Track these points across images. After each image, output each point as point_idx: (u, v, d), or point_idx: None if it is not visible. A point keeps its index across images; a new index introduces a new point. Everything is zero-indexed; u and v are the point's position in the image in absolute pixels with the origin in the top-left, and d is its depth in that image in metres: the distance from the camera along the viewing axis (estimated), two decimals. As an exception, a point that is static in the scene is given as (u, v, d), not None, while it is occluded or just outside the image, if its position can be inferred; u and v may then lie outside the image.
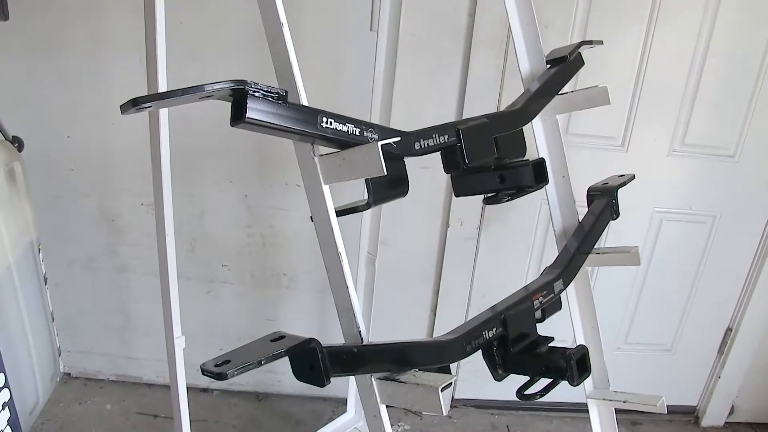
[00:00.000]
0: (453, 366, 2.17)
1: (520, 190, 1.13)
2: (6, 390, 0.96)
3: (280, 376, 2.19)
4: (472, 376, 2.20)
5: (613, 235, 1.92)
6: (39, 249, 1.38)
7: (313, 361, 0.80)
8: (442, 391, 0.85)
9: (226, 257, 2.04)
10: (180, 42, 1.73)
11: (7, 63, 1.79)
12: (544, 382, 1.11)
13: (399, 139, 0.88)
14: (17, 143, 1.34)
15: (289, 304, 2.10)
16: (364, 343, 0.89)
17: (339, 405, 2.16)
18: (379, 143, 0.80)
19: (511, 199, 1.13)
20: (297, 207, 1.95)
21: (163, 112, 1.24)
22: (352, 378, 0.97)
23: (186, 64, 1.76)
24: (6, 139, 1.32)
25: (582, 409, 1.37)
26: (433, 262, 2.05)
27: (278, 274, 2.06)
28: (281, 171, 1.92)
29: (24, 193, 1.31)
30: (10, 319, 1.20)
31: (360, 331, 0.89)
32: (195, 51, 1.78)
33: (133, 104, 0.71)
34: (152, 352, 2.12)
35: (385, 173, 0.79)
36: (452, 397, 2.25)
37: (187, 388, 1.44)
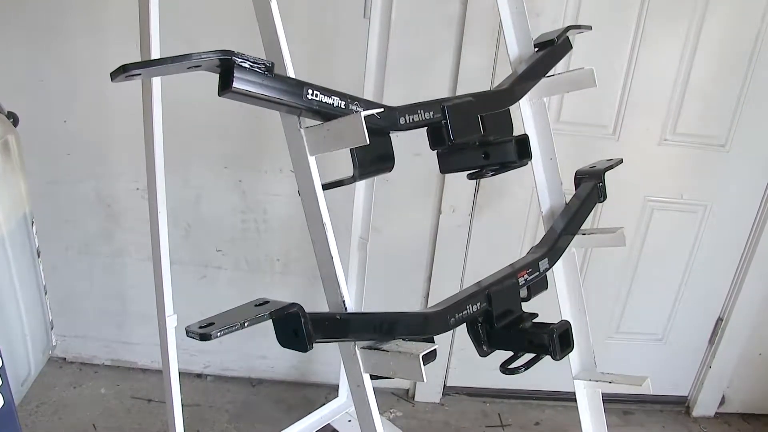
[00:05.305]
0: (444, 349, 2.18)
1: (504, 166, 1.15)
2: (-3, 357, 0.97)
3: (274, 362, 2.21)
4: (464, 363, 2.22)
5: (604, 224, 1.94)
6: (32, 222, 1.40)
7: (296, 326, 0.82)
8: (424, 359, 0.87)
9: (220, 242, 2.06)
10: (177, 29, 1.74)
11: (6, 47, 1.81)
12: (528, 357, 1.13)
13: (382, 110, 0.90)
14: (12, 118, 1.36)
15: (283, 290, 2.12)
16: (347, 312, 0.90)
17: (331, 391, 2.17)
18: (363, 113, 0.82)
19: (495, 174, 1.15)
20: (291, 193, 1.97)
21: (156, 95, 1.25)
22: (343, 364, 0.99)
23: (184, 50, 1.77)
24: (1, 113, 1.34)
25: (574, 398, 1.38)
26: (425, 249, 2.06)
27: (272, 259, 2.08)
28: (276, 157, 1.93)
29: (18, 166, 1.32)
30: (2, 290, 1.22)
31: (344, 300, 0.91)
32: (192, 38, 1.79)
33: (123, 71, 0.73)
34: (147, 337, 2.13)
35: (368, 142, 0.80)
36: (444, 385, 2.27)
37: (181, 373, 1.45)
